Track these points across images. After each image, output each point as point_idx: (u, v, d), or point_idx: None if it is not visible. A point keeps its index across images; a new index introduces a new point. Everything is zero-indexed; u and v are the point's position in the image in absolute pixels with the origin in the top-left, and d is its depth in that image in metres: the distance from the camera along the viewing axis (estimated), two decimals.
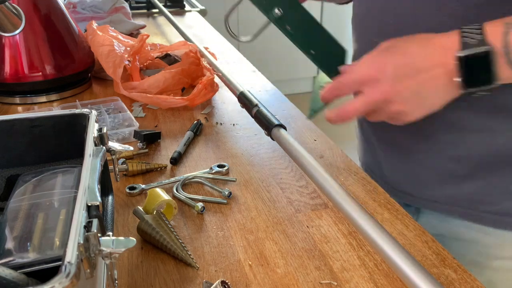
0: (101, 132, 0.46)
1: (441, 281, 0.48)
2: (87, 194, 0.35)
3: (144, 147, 0.73)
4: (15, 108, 0.91)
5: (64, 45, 0.94)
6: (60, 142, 0.50)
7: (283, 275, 0.48)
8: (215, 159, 0.71)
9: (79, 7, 1.35)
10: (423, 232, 0.55)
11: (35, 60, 0.89)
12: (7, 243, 0.35)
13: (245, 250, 0.52)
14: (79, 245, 0.30)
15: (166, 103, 0.86)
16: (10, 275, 0.30)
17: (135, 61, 1.00)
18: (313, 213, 0.58)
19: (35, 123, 0.48)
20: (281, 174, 0.67)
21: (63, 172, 0.45)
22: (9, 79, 0.89)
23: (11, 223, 0.38)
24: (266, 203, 0.60)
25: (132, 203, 0.60)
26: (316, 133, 0.80)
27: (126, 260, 0.50)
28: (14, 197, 0.42)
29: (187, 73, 0.97)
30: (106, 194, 0.52)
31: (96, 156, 0.41)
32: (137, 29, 1.41)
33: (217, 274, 0.48)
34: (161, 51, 1.09)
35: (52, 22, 0.92)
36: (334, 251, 0.52)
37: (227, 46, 1.33)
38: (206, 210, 0.59)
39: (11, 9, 0.86)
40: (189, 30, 1.49)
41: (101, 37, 0.95)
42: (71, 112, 0.49)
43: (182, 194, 0.61)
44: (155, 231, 0.51)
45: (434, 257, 0.51)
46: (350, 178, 0.66)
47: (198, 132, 0.79)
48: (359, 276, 0.48)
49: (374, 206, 0.60)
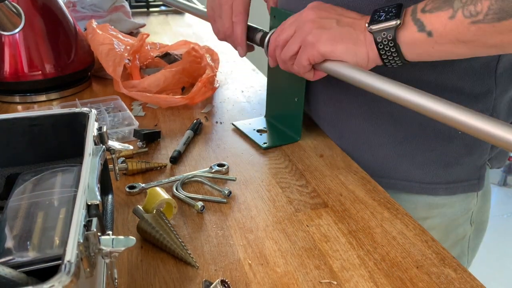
0: (101, 131, 0.46)
1: (441, 281, 0.48)
2: (87, 193, 0.35)
3: (144, 146, 0.73)
4: (14, 107, 0.91)
5: (64, 44, 0.93)
6: (59, 141, 0.50)
7: (282, 274, 0.48)
8: (215, 158, 0.71)
9: (78, 6, 1.35)
10: (423, 231, 0.55)
11: (34, 59, 0.89)
12: (6, 242, 0.35)
13: (245, 249, 0.52)
14: (79, 244, 0.30)
15: (166, 102, 0.86)
16: (10, 274, 0.30)
17: (135, 60, 1.00)
18: (313, 212, 0.58)
19: (34, 122, 0.48)
20: (281, 173, 0.67)
21: (62, 171, 0.45)
22: (9, 78, 0.89)
23: (10, 222, 0.38)
24: (266, 202, 0.60)
25: (132, 202, 0.60)
26: (316, 132, 0.80)
27: (126, 259, 0.50)
28: (13, 196, 0.41)
29: (187, 72, 0.97)
30: (106, 193, 0.52)
31: (95, 155, 0.41)
32: (136, 28, 1.41)
33: (216, 273, 0.48)
34: (161, 50, 1.09)
35: (51, 21, 0.92)
36: (334, 250, 0.52)
37: (227, 45, 1.33)
38: (206, 209, 0.59)
39: (11, 8, 0.86)
40: (189, 29, 1.50)
41: (101, 36, 0.95)
42: (70, 111, 0.49)
43: (182, 193, 0.61)
44: (155, 230, 0.51)
45: (434, 256, 0.51)
46: (349, 177, 0.66)
47: (198, 131, 0.79)
48: (359, 276, 0.48)
49: (374, 206, 0.60)
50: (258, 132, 0.79)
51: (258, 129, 0.80)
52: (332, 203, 0.60)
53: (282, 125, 0.80)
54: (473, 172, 0.70)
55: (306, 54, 0.57)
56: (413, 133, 0.67)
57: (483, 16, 0.45)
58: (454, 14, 0.47)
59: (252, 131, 0.79)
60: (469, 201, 0.72)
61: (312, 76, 0.61)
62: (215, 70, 0.94)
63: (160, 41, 1.15)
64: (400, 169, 0.70)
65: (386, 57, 0.53)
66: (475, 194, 0.72)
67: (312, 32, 0.56)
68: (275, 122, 0.82)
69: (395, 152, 0.69)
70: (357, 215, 0.58)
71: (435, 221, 0.72)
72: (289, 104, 0.77)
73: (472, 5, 0.45)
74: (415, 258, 0.51)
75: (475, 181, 0.70)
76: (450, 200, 0.71)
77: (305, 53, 0.57)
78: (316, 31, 0.56)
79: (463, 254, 0.77)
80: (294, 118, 0.77)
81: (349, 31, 0.55)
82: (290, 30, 0.59)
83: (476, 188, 0.71)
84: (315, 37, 0.56)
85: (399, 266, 0.50)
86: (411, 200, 0.71)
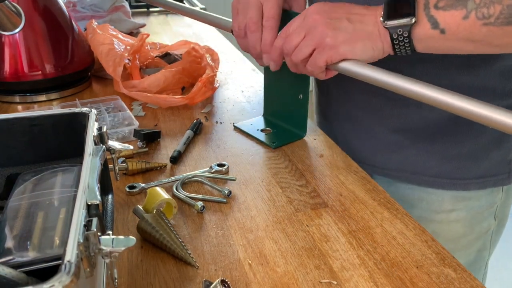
0: (101, 131, 0.46)
1: (441, 280, 0.48)
2: (87, 193, 0.35)
3: (144, 146, 0.73)
4: (14, 107, 0.91)
5: (64, 44, 0.93)
6: (59, 141, 0.50)
7: (282, 274, 0.48)
8: (215, 158, 0.71)
9: (79, 6, 1.34)
10: (423, 231, 0.55)
11: (34, 59, 0.89)
12: (6, 242, 0.35)
13: (244, 249, 0.52)
14: (79, 244, 0.30)
15: (166, 102, 0.86)
16: (10, 274, 0.30)
17: (135, 60, 1.00)
18: (313, 212, 0.58)
19: (34, 122, 0.48)
20: (281, 173, 0.67)
21: (63, 171, 0.45)
22: (9, 78, 0.89)
23: (10, 222, 0.38)
24: (265, 202, 0.60)
25: (132, 202, 0.60)
26: (316, 132, 0.80)
27: (126, 259, 0.50)
28: (13, 196, 0.41)
29: (187, 72, 0.96)
30: (106, 193, 0.52)
31: (96, 155, 0.41)
32: (137, 28, 1.41)
33: (216, 273, 0.48)
34: (161, 50, 1.09)
35: (51, 21, 0.92)
36: (334, 250, 0.52)
37: (227, 45, 1.33)
38: (206, 209, 0.59)
39: (11, 7, 0.86)
40: (189, 29, 1.50)
41: (101, 36, 0.95)
42: (70, 111, 0.49)
43: (182, 193, 0.61)
44: (155, 230, 0.51)
45: (434, 256, 0.51)
46: (349, 177, 0.66)
47: (198, 131, 0.79)
48: (359, 275, 0.48)
49: (374, 205, 0.60)
50: (262, 131, 0.79)
51: (262, 128, 0.80)
52: (332, 203, 0.60)
53: (285, 123, 0.80)
54: (502, 166, 0.72)
55: (324, 56, 0.57)
56: (442, 129, 0.69)
57: (494, 19, 0.47)
58: (468, 14, 0.49)
59: (256, 131, 0.79)
60: (494, 195, 0.74)
61: (324, 76, 0.62)
62: (215, 70, 0.94)
63: (160, 41, 1.15)
64: (429, 165, 0.72)
65: (398, 48, 0.55)
66: (500, 188, 0.74)
67: (328, 35, 0.56)
68: (276, 120, 0.82)
69: (425, 150, 0.71)
70: (357, 215, 0.58)
71: (460, 214, 0.73)
72: (293, 102, 0.77)
73: (485, 7, 0.48)
74: (415, 258, 0.51)
75: (505, 175, 0.72)
76: (477, 194, 0.72)
77: (322, 55, 0.57)
78: (333, 33, 0.56)
79: (485, 248, 0.79)
80: (299, 115, 0.77)
81: (362, 27, 0.55)
82: (299, 35, 0.58)
83: (506, 182, 0.73)
84: (332, 39, 0.56)
85: (399, 266, 0.50)
86: (438, 193, 0.73)
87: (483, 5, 0.48)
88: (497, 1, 0.47)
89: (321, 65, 0.58)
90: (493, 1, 0.47)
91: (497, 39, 0.49)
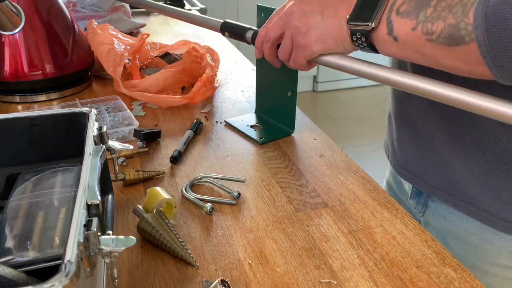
0: (101, 131, 0.46)
1: (441, 280, 0.48)
2: (87, 193, 0.35)
3: (144, 146, 0.73)
4: (14, 107, 0.91)
5: (64, 44, 0.93)
6: (60, 141, 0.50)
7: (282, 274, 0.48)
8: (215, 158, 0.71)
9: (79, 6, 1.34)
10: (423, 231, 0.55)
11: (35, 59, 0.89)
12: (7, 242, 0.35)
13: (245, 249, 0.52)
14: (79, 244, 0.30)
15: (166, 102, 0.86)
16: (10, 273, 0.30)
17: (135, 60, 1.00)
18: (313, 212, 0.58)
19: (35, 121, 0.48)
20: (281, 173, 0.67)
21: (63, 170, 0.45)
22: (9, 78, 0.89)
23: (11, 221, 0.38)
24: (265, 202, 0.60)
25: (132, 202, 0.60)
26: (316, 132, 0.80)
27: (126, 259, 0.50)
28: (14, 196, 0.41)
29: (187, 72, 0.97)
30: (106, 193, 0.52)
31: (96, 155, 0.41)
32: (137, 28, 1.41)
33: (217, 273, 0.48)
34: (161, 50, 1.09)
35: (52, 21, 0.92)
36: (334, 250, 0.52)
37: (227, 45, 1.33)
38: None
39: (11, 7, 0.86)
40: (189, 29, 1.50)
41: (101, 36, 0.95)
42: (71, 111, 0.49)
43: (192, 195, 0.61)
44: (155, 230, 0.51)
45: (434, 256, 0.51)
46: (349, 177, 0.66)
47: (198, 131, 0.79)
48: (359, 275, 0.48)
49: (374, 205, 0.60)
50: (252, 127, 0.80)
51: (251, 124, 0.81)
52: (332, 203, 0.60)
53: (275, 120, 0.82)
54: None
55: (302, 55, 0.58)
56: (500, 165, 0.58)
57: (436, 36, 0.45)
58: (416, 26, 0.46)
59: (246, 127, 0.80)
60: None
61: (308, 69, 0.62)
62: (215, 70, 0.94)
63: (160, 41, 1.15)
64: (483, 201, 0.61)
65: (362, 48, 0.54)
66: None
67: (300, 32, 0.56)
68: (266, 117, 0.84)
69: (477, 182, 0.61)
70: (357, 215, 0.58)
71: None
72: (281, 99, 0.78)
73: (430, 22, 0.45)
74: (415, 258, 0.51)
75: None
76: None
77: (300, 54, 0.58)
78: (305, 30, 0.56)
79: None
80: (287, 112, 0.78)
81: (335, 23, 0.54)
82: (278, 26, 0.59)
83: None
84: (305, 39, 0.56)
85: (399, 265, 0.50)
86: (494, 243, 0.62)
87: (430, 20, 0.45)
88: (442, 18, 0.44)
89: (302, 62, 0.59)
90: (439, 17, 0.44)
91: (442, 58, 0.46)
